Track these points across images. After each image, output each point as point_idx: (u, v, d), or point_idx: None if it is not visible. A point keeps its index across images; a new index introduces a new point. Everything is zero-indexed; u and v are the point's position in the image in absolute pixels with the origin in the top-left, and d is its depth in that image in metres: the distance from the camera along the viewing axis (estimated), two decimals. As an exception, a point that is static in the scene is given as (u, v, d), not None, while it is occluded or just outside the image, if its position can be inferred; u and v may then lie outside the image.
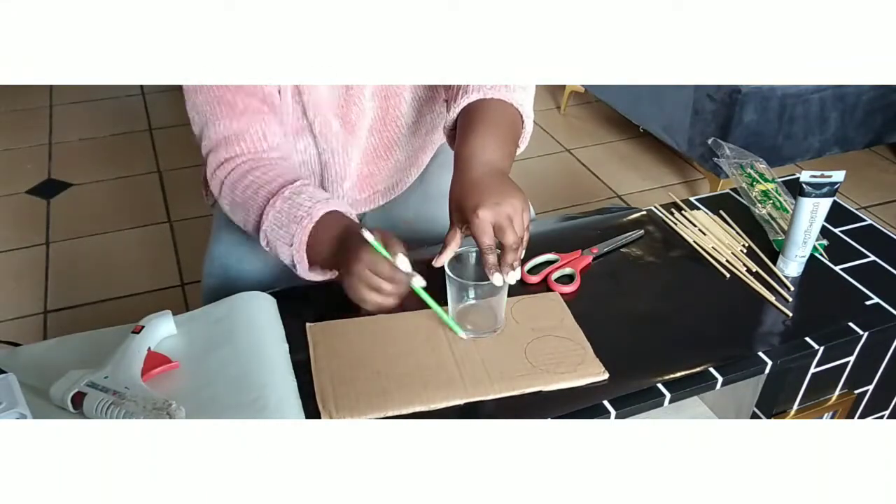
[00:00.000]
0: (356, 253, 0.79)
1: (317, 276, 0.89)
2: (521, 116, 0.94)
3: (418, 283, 0.79)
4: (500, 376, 0.79)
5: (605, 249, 1.00)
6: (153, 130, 2.61)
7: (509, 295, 0.88)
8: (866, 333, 0.88)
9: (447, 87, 1.00)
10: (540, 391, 0.78)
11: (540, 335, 0.85)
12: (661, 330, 0.88)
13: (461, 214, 0.84)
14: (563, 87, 2.69)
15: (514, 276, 0.82)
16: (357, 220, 0.88)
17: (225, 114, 0.91)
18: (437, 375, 0.79)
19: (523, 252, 0.83)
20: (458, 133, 0.91)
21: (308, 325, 0.86)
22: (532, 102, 0.96)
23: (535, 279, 0.93)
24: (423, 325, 0.86)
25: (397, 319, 0.87)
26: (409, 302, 0.89)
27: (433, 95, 1.12)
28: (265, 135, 0.92)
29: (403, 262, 0.78)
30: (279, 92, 0.96)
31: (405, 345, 0.84)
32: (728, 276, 0.96)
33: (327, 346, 0.83)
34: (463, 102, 0.92)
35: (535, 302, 0.91)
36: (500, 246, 0.82)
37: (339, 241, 0.83)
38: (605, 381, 0.80)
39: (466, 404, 0.77)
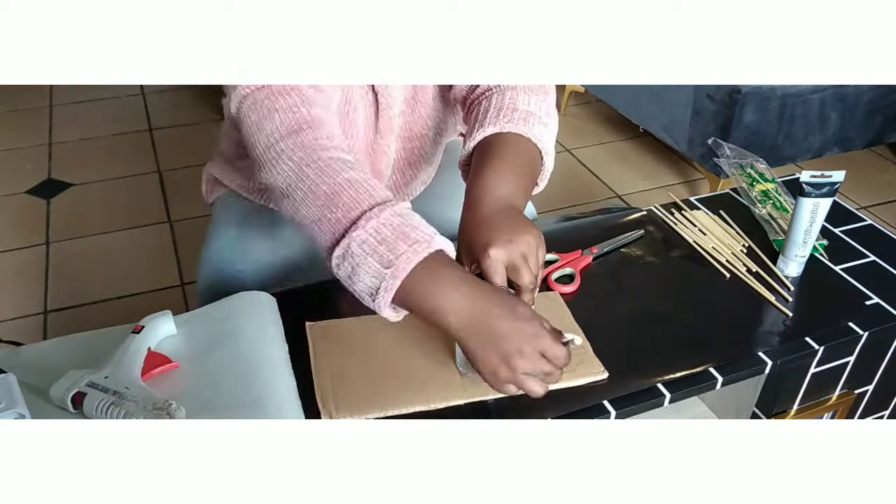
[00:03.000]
0: (526, 328, 0.67)
1: (392, 315, 0.73)
2: (541, 154, 0.85)
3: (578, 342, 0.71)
4: None
5: (605, 249, 1.00)
6: (153, 130, 2.61)
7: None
8: (866, 333, 0.88)
9: (466, 115, 0.94)
10: None
11: None
12: (661, 330, 0.88)
13: (471, 253, 0.75)
14: (563, 87, 2.69)
15: None
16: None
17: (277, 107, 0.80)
18: (437, 375, 0.79)
19: (537, 291, 0.77)
20: (473, 167, 0.83)
21: (308, 324, 0.86)
22: (554, 139, 0.88)
23: None
24: (423, 324, 0.86)
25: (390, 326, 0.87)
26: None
27: (453, 129, 1.12)
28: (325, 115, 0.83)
29: (578, 341, 0.70)
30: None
31: (405, 344, 0.84)
32: (728, 276, 0.96)
33: (327, 346, 0.83)
34: (479, 136, 0.84)
35: (535, 300, 0.90)
36: (514, 286, 0.75)
37: (474, 296, 0.69)
38: (604, 380, 0.80)
39: (466, 404, 0.77)
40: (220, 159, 1.12)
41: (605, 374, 0.80)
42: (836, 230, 1.07)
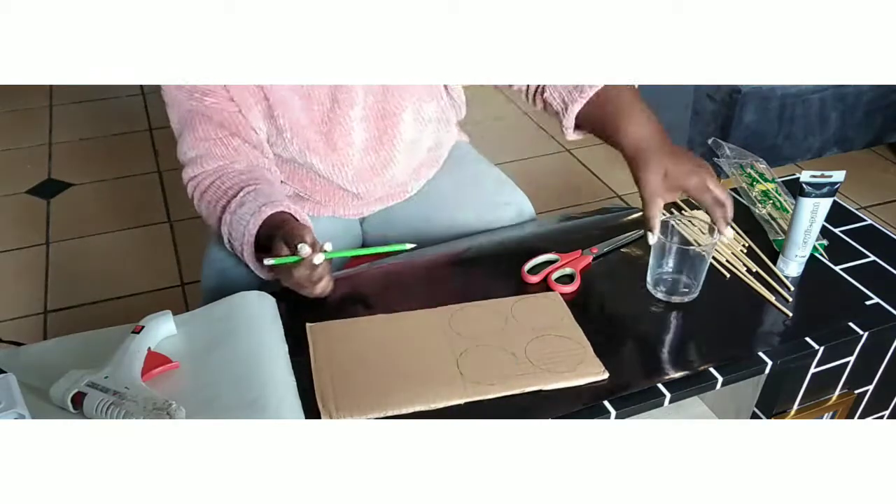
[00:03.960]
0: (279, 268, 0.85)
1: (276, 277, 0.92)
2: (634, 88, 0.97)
3: (328, 247, 0.84)
4: (501, 376, 0.79)
5: (605, 249, 1.00)
6: (153, 130, 2.61)
7: (508, 294, 0.88)
8: (866, 333, 0.88)
9: (540, 98, 1.03)
10: (540, 390, 0.78)
11: (540, 335, 0.85)
12: (661, 330, 0.88)
13: (669, 186, 0.88)
14: (563, 87, 2.69)
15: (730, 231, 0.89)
16: (289, 219, 0.90)
17: (197, 137, 0.97)
18: (437, 375, 0.79)
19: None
20: (612, 118, 0.93)
21: (308, 325, 0.85)
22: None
23: (534, 279, 0.93)
24: (422, 325, 0.86)
25: (398, 319, 0.87)
26: (409, 304, 0.89)
27: (442, 116, 1.12)
28: (235, 155, 0.97)
29: (304, 250, 0.82)
30: (256, 127, 0.99)
31: (405, 344, 0.84)
32: (728, 276, 0.96)
33: (327, 346, 0.83)
34: (587, 95, 0.96)
35: (535, 301, 0.91)
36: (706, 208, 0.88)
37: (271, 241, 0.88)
38: (604, 380, 0.80)
39: (466, 404, 0.77)
40: None
41: (605, 374, 0.80)
42: (836, 230, 1.07)
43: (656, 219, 0.88)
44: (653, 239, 0.88)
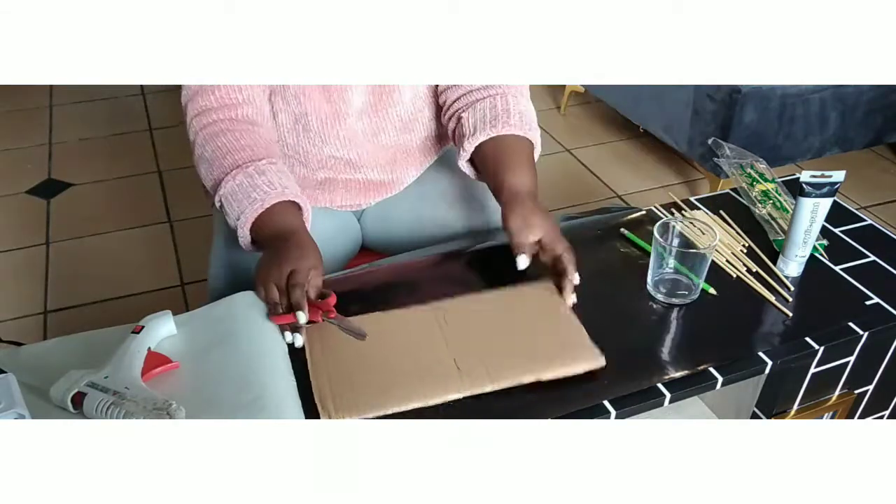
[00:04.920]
0: (288, 259, 0.85)
1: (253, 251, 0.96)
2: (534, 147, 1.04)
3: (302, 318, 0.82)
4: (498, 368, 0.79)
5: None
6: (153, 130, 2.61)
7: (502, 286, 0.89)
8: (866, 333, 0.88)
9: (458, 116, 1.06)
10: (538, 382, 0.78)
11: (535, 325, 0.86)
12: (661, 330, 0.88)
13: (530, 231, 0.92)
14: (563, 87, 2.69)
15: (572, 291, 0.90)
16: (303, 222, 0.94)
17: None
18: (434, 370, 0.79)
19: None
20: (495, 164, 0.99)
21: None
22: (532, 113, 1.06)
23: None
24: (418, 322, 0.86)
25: (393, 317, 0.87)
26: (403, 299, 0.89)
27: (435, 102, 1.12)
28: (240, 87, 0.97)
29: (302, 317, 0.81)
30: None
31: (401, 342, 0.84)
32: (728, 276, 0.96)
33: (324, 345, 0.83)
34: (485, 135, 1.00)
35: (529, 292, 0.91)
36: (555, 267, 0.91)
37: (281, 237, 0.89)
38: (602, 367, 0.80)
39: (466, 401, 0.77)
40: None
41: (603, 362, 0.80)
42: (836, 230, 1.07)
43: (526, 246, 0.91)
44: (523, 264, 0.90)
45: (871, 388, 0.97)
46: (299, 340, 0.82)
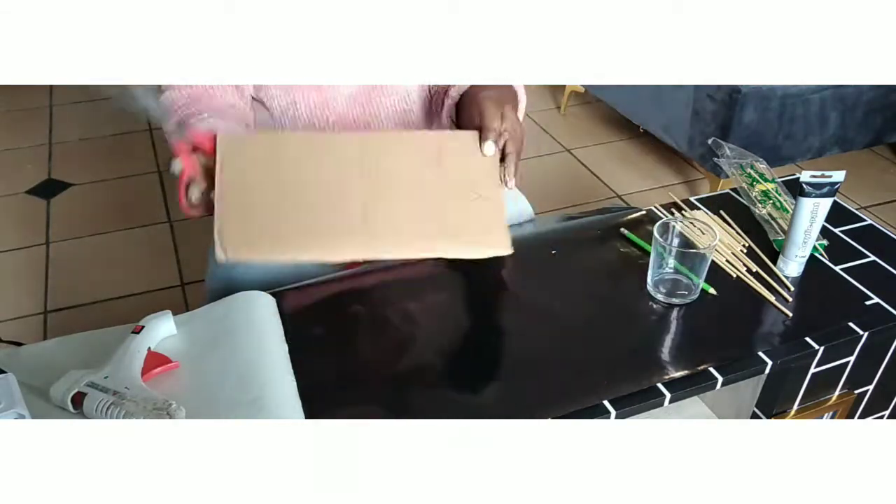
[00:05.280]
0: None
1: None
2: (514, 90, 0.97)
3: (176, 167, 0.78)
4: (403, 234, 0.75)
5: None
6: (153, 130, 2.61)
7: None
8: (866, 333, 0.88)
9: (441, 96, 1.03)
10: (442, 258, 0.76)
11: (458, 191, 0.79)
12: (661, 330, 0.88)
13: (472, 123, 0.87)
14: (563, 87, 2.69)
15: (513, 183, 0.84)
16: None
17: None
18: (339, 222, 0.75)
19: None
20: (475, 91, 0.93)
21: (219, 136, 0.78)
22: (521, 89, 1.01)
23: None
24: (339, 154, 0.80)
25: (315, 142, 0.81)
26: (408, 304, 0.89)
27: (428, 98, 1.13)
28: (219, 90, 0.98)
29: (176, 166, 0.77)
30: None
31: (316, 177, 0.77)
32: (728, 276, 0.96)
33: (235, 167, 0.76)
34: (463, 88, 0.96)
35: (465, 147, 0.82)
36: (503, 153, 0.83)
37: None
38: (509, 254, 0.76)
39: (465, 400, 0.76)
40: None
41: (510, 249, 0.76)
42: (836, 230, 1.07)
43: (494, 132, 0.83)
44: (490, 150, 0.82)
45: (871, 388, 0.97)
46: (177, 166, 0.77)
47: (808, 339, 0.86)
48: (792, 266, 0.96)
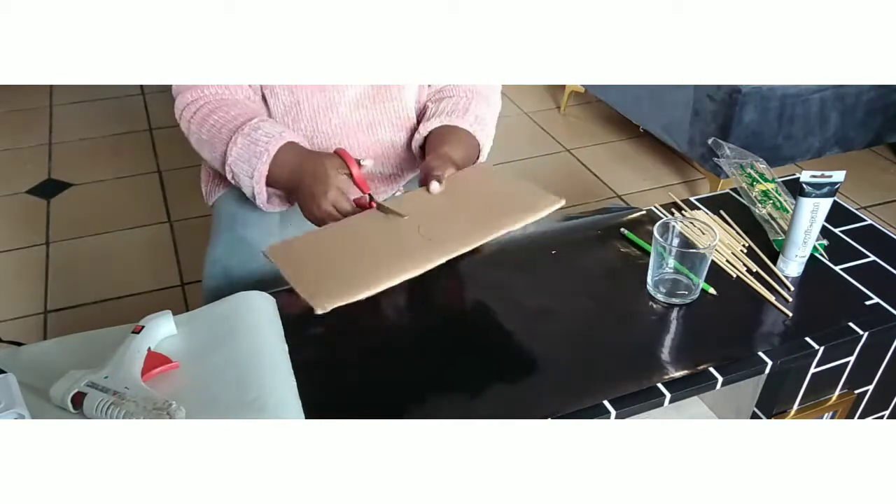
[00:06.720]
0: (313, 192, 0.92)
1: (274, 208, 1.06)
2: (479, 151, 1.08)
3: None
4: (466, 231, 0.81)
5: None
6: (153, 130, 2.61)
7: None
8: (866, 333, 0.88)
9: (425, 106, 1.12)
10: (509, 232, 0.81)
11: (487, 191, 0.89)
12: (661, 330, 0.88)
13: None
14: (563, 87, 2.69)
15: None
16: (303, 148, 0.99)
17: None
18: (406, 247, 0.81)
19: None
20: (439, 139, 1.04)
21: (269, 249, 0.86)
22: (490, 143, 1.10)
23: None
24: (376, 220, 0.88)
25: (346, 225, 0.89)
26: (407, 304, 0.89)
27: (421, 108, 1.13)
28: (227, 86, 1.03)
29: (368, 163, 0.94)
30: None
31: (368, 236, 0.85)
32: (728, 276, 0.96)
33: (294, 258, 0.83)
34: (435, 123, 1.06)
35: (466, 174, 0.94)
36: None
37: (294, 178, 0.96)
38: (563, 206, 0.84)
39: (464, 400, 0.76)
40: None
41: (562, 201, 0.83)
42: (836, 230, 1.07)
43: (439, 176, 0.92)
44: (436, 189, 0.91)
45: (871, 388, 0.97)
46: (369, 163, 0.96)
47: (808, 339, 0.86)
48: (792, 266, 0.96)
